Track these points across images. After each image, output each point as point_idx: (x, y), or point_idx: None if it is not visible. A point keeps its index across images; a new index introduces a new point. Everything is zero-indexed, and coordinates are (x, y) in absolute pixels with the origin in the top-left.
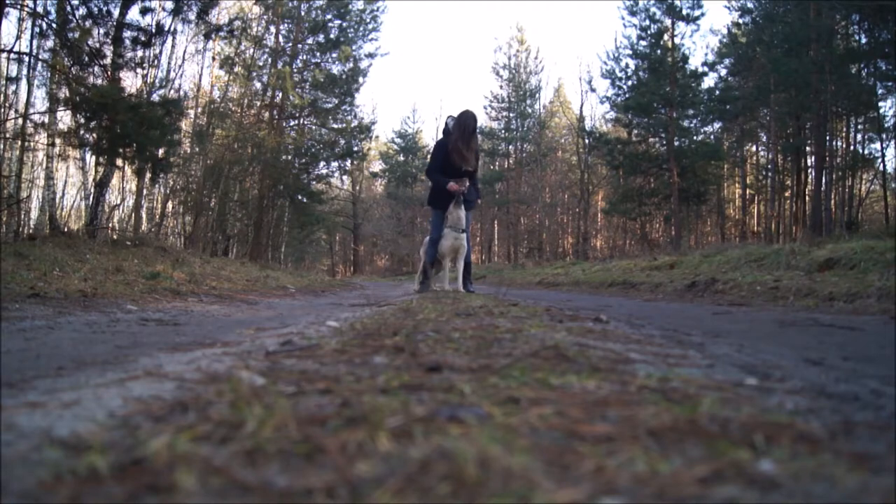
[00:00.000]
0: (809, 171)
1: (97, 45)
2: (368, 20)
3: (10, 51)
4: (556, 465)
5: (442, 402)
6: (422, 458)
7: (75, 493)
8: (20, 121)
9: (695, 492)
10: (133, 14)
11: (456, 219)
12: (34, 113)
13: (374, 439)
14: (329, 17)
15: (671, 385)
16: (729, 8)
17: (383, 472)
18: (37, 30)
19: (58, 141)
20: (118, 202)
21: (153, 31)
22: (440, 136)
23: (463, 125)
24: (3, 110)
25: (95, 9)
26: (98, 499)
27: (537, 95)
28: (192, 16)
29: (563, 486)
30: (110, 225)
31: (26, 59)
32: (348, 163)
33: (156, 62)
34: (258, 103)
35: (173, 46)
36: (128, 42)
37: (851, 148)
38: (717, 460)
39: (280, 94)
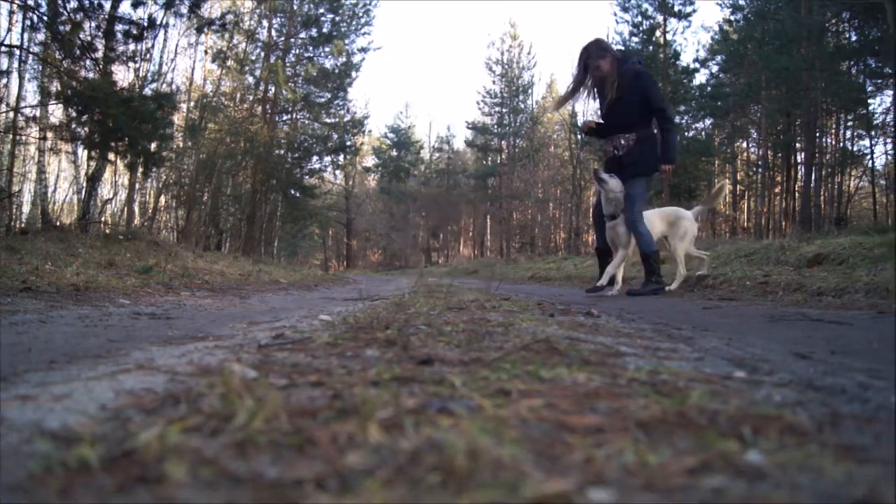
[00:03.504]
0: (799, 167)
1: (89, 38)
2: (361, 14)
3: (1, 44)
4: (545, 456)
5: (433, 394)
6: (412, 449)
7: (66, 485)
8: (11, 114)
9: (683, 482)
10: (125, 7)
11: (605, 199)
12: (25, 106)
13: (365, 431)
14: (322, 11)
15: (661, 378)
16: (721, 5)
17: (373, 463)
18: (28, 23)
19: (49, 135)
20: (110, 196)
21: (145, 24)
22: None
23: (581, 61)
24: None
25: (87, 2)
26: (88, 491)
27: (530, 91)
28: (184, 9)
29: (552, 477)
30: (102, 219)
31: (17, 52)
32: (341, 157)
33: (148, 56)
34: (251, 97)
35: (165, 40)
36: (119, 35)
37: (841, 145)
38: (705, 451)
39: (273, 89)
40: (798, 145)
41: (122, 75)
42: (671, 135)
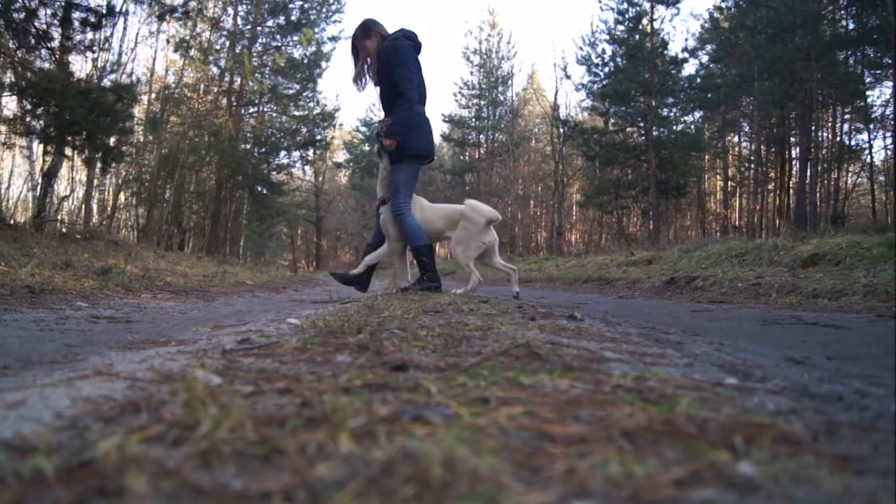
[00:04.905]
0: (794, 162)
1: (44, 26)
2: (332, 1)
3: None
4: (525, 466)
5: (407, 401)
6: (385, 459)
7: (19, 496)
8: None
9: (671, 494)
10: None
11: (379, 180)
12: None
13: (336, 440)
14: None
15: (647, 384)
16: None
17: (344, 474)
18: None
19: (2, 128)
20: (67, 193)
21: (104, 11)
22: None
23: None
24: None
25: None
26: (43, 502)
27: (510, 82)
28: None
29: (532, 489)
30: (59, 217)
31: None
32: (310, 152)
33: (107, 45)
34: (215, 89)
35: (125, 28)
36: (77, 23)
37: (838, 139)
38: (694, 462)
39: (238, 80)
40: (792, 139)
41: (80, 66)
42: (399, 111)
